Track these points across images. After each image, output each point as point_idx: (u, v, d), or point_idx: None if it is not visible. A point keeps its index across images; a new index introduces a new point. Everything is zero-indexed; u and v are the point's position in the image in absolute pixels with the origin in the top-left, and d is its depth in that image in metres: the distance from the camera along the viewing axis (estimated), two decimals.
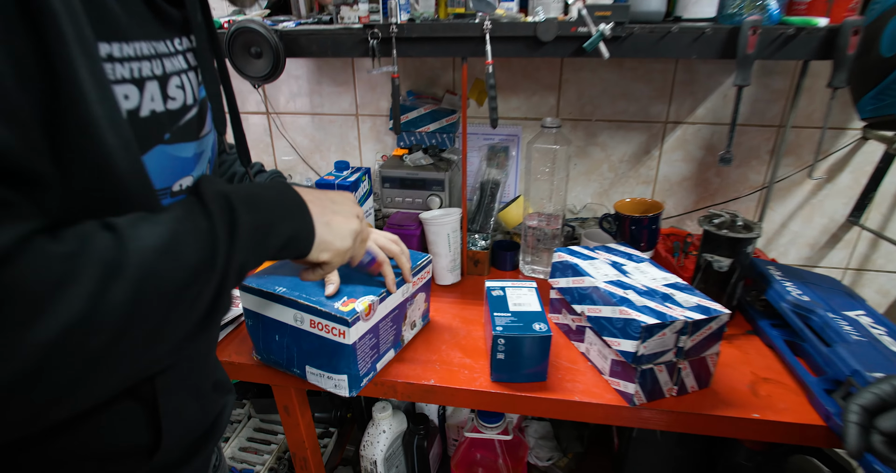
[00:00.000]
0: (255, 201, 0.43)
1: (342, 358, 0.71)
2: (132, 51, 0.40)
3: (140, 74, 0.41)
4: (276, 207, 0.46)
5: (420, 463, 1.05)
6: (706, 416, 0.71)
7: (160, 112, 0.44)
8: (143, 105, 0.42)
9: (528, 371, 0.77)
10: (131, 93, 0.40)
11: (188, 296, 0.37)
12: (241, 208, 0.42)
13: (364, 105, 1.30)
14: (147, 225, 0.36)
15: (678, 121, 1.16)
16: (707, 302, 0.72)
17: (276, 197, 0.47)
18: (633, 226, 0.97)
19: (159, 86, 0.43)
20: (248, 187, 0.45)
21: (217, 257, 0.39)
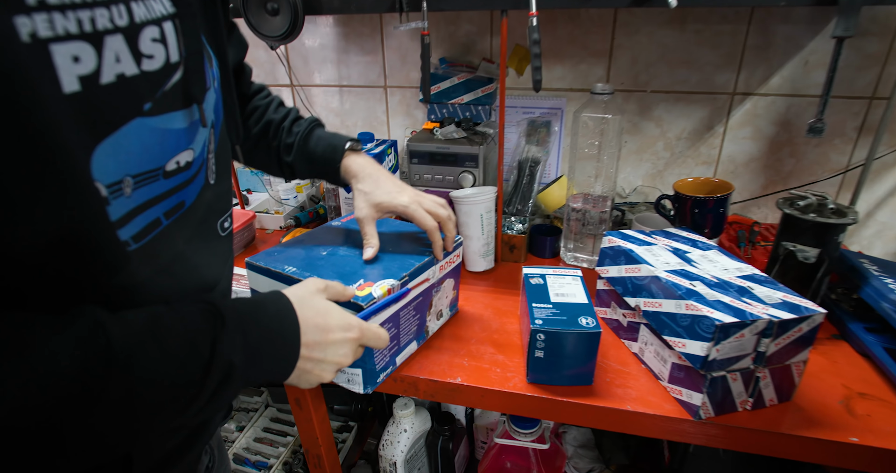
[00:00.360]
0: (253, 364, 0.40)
1: None
2: None
3: (94, 26, 0.31)
4: (268, 371, 0.43)
5: (444, 467, 0.96)
6: (789, 436, 0.58)
7: (132, 76, 0.34)
8: (105, 68, 0.33)
9: (571, 373, 0.66)
10: (83, 53, 0.31)
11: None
12: (237, 379, 0.39)
13: (393, 76, 1.20)
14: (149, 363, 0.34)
15: (748, 92, 1.01)
16: (795, 299, 0.59)
17: (274, 359, 0.43)
18: (695, 209, 0.84)
19: (125, 41, 0.34)
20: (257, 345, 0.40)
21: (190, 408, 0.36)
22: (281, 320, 0.43)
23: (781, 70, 0.98)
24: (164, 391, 0.34)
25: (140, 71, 0.35)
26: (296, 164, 0.71)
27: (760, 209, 1.10)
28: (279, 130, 0.71)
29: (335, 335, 0.47)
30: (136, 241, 0.38)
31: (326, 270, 0.64)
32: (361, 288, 0.60)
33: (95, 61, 0.32)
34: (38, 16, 0.28)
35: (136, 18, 0.34)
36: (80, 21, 0.30)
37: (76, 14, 0.30)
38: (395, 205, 0.68)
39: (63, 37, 0.30)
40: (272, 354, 0.42)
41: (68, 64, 0.30)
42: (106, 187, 0.34)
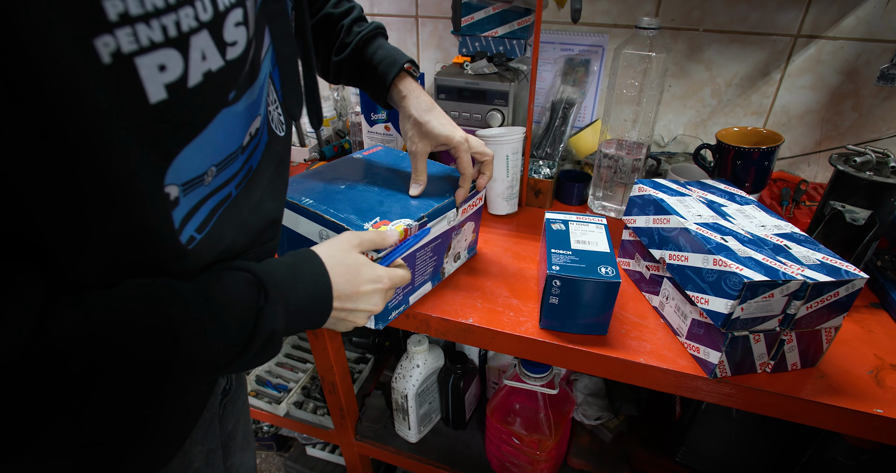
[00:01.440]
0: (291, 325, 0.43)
1: None
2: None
3: (179, 29, 0.29)
4: (305, 327, 0.45)
5: (454, 403, 0.98)
6: (808, 402, 0.56)
7: (218, 70, 0.32)
8: (191, 70, 0.30)
9: (586, 322, 0.65)
10: (169, 60, 0.29)
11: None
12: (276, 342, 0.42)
13: (425, 5, 1.13)
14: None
15: (814, 35, 0.91)
16: (836, 261, 0.55)
17: (310, 318, 0.45)
18: (738, 160, 0.78)
19: (210, 36, 0.31)
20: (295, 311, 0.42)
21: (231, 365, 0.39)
22: (316, 282, 0.45)
23: (857, 9, 0.87)
24: (213, 351, 0.37)
25: (225, 62, 0.33)
26: (345, 66, 0.66)
27: (811, 167, 1.02)
28: (338, 28, 0.65)
29: (365, 288, 0.50)
30: (199, 232, 0.38)
31: (343, 204, 0.63)
32: (377, 226, 0.59)
33: (182, 66, 0.30)
34: (121, 31, 0.26)
35: (219, 6, 0.31)
36: (164, 28, 0.28)
37: (160, 21, 0.28)
38: (451, 139, 0.64)
39: (147, 48, 0.28)
40: (309, 314, 0.44)
41: (154, 74, 0.29)
42: (181, 186, 0.34)
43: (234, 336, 0.38)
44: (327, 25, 0.66)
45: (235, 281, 0.39)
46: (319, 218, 0.61)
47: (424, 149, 0.64)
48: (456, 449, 1.00)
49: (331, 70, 0.68)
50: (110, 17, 0.26)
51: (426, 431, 1.03)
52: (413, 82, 0.66)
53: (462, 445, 1.01)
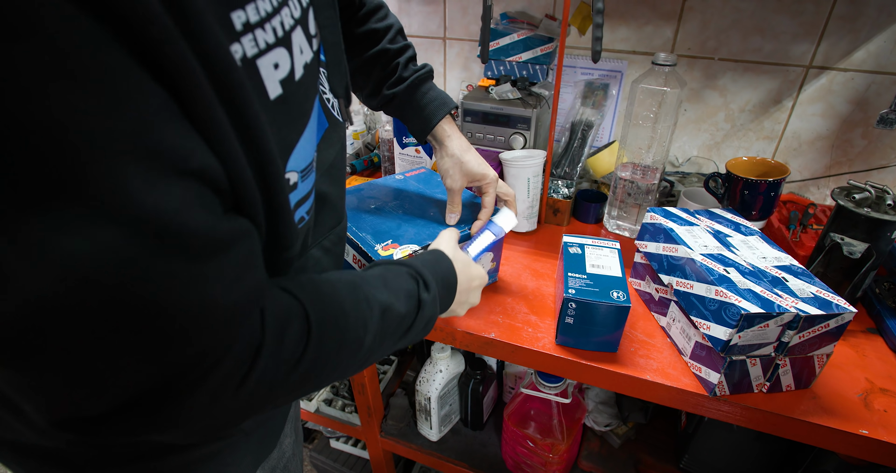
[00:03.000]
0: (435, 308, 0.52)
1: None
2: (266, 2, 0.30)
3: (283, 28, 0.32)
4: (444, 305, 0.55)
5: (473, 406, 1.05)
6: (799, 421, 0.62)
7: (311, 62, 0.36)
8: (296, 65, 0.34)
9: (598, 340, 0.71)
10: (281, 58, 0.32)
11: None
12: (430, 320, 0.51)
13: (453, 28, 1.19)
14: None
15: (826, 66, 0.95)
16: (828, 295, 0.60)
17: (444, 304, 0.55)
18: (746, 190, 0.83)
19: (302, 30, 0.34)
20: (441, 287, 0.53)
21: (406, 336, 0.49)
22: (449, 274, 0.55)
23: (868, 44, 0.91)
24: (394, 331, 0.46)
25: (313, 53, 0.36)
26: (396, 99, 0.71)
27: (820, 190, 1.06)
28: (394, 64, 0.69)
29: (475, 283, 0.61)
30: (308, 213, 0.44)
31: (365, 223, 0.70)
32: (386, 248, 0.66)
33: (289, 62, 0.33)
34: (245, 39, 0.29)
35: (303, 2, 0.34)
36: (274, 29, 0.31)
37: (271, 24, 0.30)
38: (486, 176, 0.71)
39: (265, 50, 0.30)
40: (446, 300, 0.55)
41: (271, 73, 0.31)
42: (300, 173, 0.39)
43: (405, 316, 0.47)
44: (383, 59, 0.70)
45: (401, 274, 0.49)
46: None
47: (462, 184, 0.72)
48: (473, 449, 1.07)
49: (379, 99, 0.73)
50: (237, 28, 0.28)
51: (446, 430, 1.10)
52: (454, 124, 0.72)
53: (479, 444, 1.08)
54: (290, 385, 0.36)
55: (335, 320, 0.39)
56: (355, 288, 0.43)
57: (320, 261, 0.52)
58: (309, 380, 0.38)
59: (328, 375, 0.40)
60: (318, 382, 0.40)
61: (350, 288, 0.43)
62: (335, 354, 0.39)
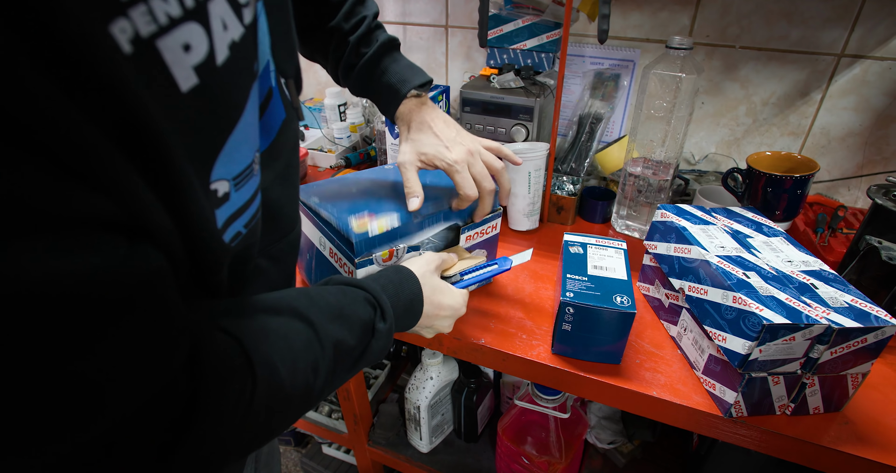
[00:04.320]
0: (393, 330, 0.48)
1: None
2: None
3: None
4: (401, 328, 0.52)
5: (467, 417, 0.98)
6: (828, 450, 0.54)
7: (240, 39, 0.28)
8: (217, 45, 0.26)
9: (599, 350, 0.63)
10: (192, 36, 0.24)
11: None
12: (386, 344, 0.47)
13: (455, 15, 1.13)
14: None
15: (860, 54, 0.87)
16: (866, 305, 0.52)
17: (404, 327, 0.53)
18: (769, 187, 0.75)
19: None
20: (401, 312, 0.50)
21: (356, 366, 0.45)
22: (413, 299, 0.52)
23: None
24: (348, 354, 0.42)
25: (244, 28, 0.28)
26: (353, 88, 0.66)
27: (851, 192, 0.97)
28: (346, 46, 0.63)
29: (444, 312, 0.56)
30: (246, 227, 0.36)
31: (342, 204, 0.63)
32: (360, 220, 0.59)
33: (206, 41, 0.25)
34: (135, 11, 0.21)
35: None
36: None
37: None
38: (441, 159, 0.61)
39: (167, 26, 0.23)
40: (404, 324, 0.52)
41: (180, 57, 0.24)
42: (231, 181, 0.31)
43: (355, 347, 0.43)
44: (333, 40, 0.64)
45: (357, 298, 0.45)
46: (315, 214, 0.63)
47: (412, 161, 0.62)
48: (466, 462, 1.00)
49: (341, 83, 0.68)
50: (119, 0, 0.21)
51: (438, 442, 1.03)
52: (412, 103, 0.64)
53: (473, 458, 1.01)
54: (225, 452, 0.32)
55: (280, 369, 0.35)
56: (309, 324, 0.39)
57: (267, 272, 0.45)
58: (256, 436, 0.34)
59: (277, 425, 0.36)
60: (264, 435, 0.36)
61: (303, 326, 0.38)
62: (284, 405, 0.36)
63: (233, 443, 0.32)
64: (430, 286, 0.55)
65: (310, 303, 0.40)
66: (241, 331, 0.33)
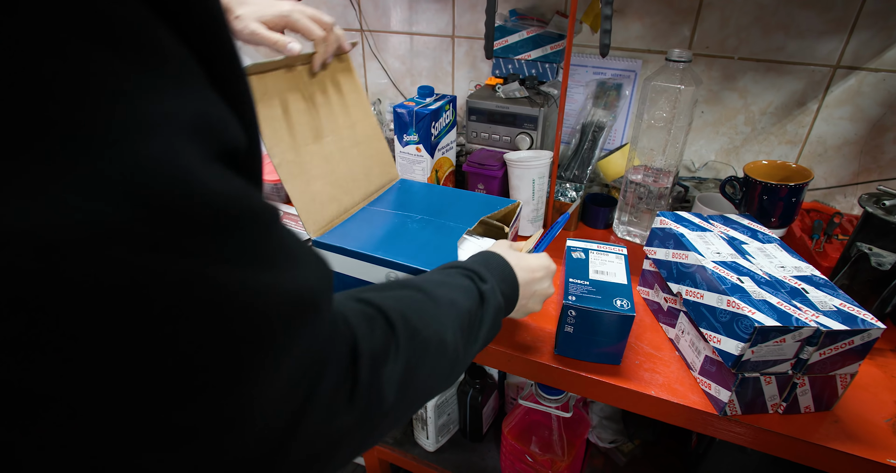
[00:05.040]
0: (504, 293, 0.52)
1: None
2: None
3: None
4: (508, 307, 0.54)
5: (472, 417, 1.01)
6: (819, 447, 0.56)
7: None
8: None
9: (600, 351, 0.66)
10: None
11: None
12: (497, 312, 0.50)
13: (462, 26, 1.16)
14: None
15: (855, 66, 0.90)
16: (853, 309, 0.55)
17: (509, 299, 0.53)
18: (765, 195, 0.78)
19: None
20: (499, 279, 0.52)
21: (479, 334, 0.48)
22: (503, 271, 0.54)
23: None
24: (468, 325, 0.45)
25: None
26: None
27: (847, 199, 1.00)
28: None
29: (539, 274, 0.59)
30: None
31: (396, 245, 0.68)
32: None
33: None
34: None
35: None
36: None
37: None
38: (275, 13, 0.62)
39: None
40: (510, 295, 0.53)
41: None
42: None
43: (471, 310, 0.45)
44: None
45: (453, 274, 0.49)
46: (390, 263, 0.66)
47: (256, 24, 0.62)
48: (472, 461, 1.03)
49: None
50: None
51: (444, 441, 1.06)
52: None
53: (478, 457, 1.03)
54: (397, 394, 0.34)
55: (411, 316, 0.38)
56: (417, 287, 0.43)
57: None
58: (412, 386, 0.36)
59: (428, 379, 0.38)
60: (422, 390, 0.38)
61: (411, 287, 0.43)
62: (424, 351, 0.38)
63: (392, 385, 0.34)
64: (513, 256, 0.57)
65: (412, 280, 0.45)
66: (356, 294, 0.38)
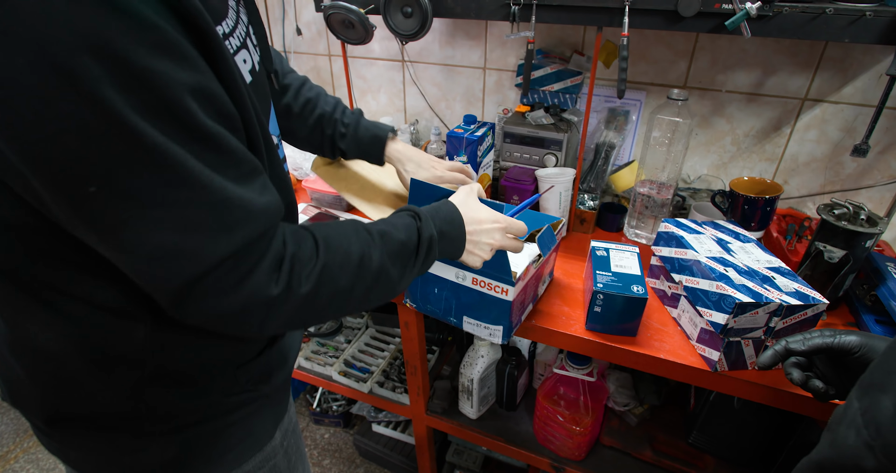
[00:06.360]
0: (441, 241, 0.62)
1: (501, 311, 0.83)
2: (230, 19, 0.47)
3: (240, 39, 0.49)
4: (449, 250, 0.65)
5: (509, 388, 1.21)
6: (784, 392, 0.77)
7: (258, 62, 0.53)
8: (253, 59, 0.51)
9: (621, 326, 0.87)
10: (245, 57, 0.49)
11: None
12: (434, 249, 0.62)
13: (492, 60, 1.37)
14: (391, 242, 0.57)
15: (819, 98, 1.11)
16: (807, 290, 0.76)
17: (452, 241, 0.64)
18: (746, 206, 0.99)
19: (249, 39, 0.51)
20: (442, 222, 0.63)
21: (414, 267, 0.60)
22: (452, 215, 0.65)
23: (855, 81, 1.07)
24: (399, 253, 0.57)
25: (259, 55, 0.54)
26: (348, 149, 0.89)
27: (815, 206, 1.21)
28: (333, 121, 0.87)
29: (486, 225, 0.68)
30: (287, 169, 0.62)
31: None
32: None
33: (250, 58, 0.50)
34: (227, 42, 0.46)
35: (245, 22, 0.51)
36: (238, 36, 0.48)
37: (236, 33, 0.48)
38: (433, 177, 0.89)
39: (237, 50, 0.48)
40: (451, 236, 0.64)
41: (243, 65, 0.48)
42: (277, 138, 0.58)
43: (407, 241, 0.57)
44: (324, 121, 0.87)
45: (398, 214, 0.62)
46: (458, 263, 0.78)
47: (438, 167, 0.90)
48: (508, 426, 1.23)
49: (337, 152, 0.90)
50: (221, 36, 0.43)
51: (484, 410, 1.26)
52: (397, 144, 0.90)
53: (513, 423, 1.24)
54: (313, 286, 0.48)
55: (334, 238, 0.52)
56: (355, 223, 0.56)
57: None
58: (327, 284, 0.50)
59: (346, 283, 0.51)
60: (340, 291, 0.51)
61: (352, 223, 0.56)
62: (343, 262, 0.51)
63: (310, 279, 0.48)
64: (466, 206, 0.67)
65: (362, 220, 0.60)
66: (307, 225, 0.54)
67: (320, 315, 0.53)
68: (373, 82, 1.57)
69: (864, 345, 0.54)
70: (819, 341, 0.57)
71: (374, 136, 0.89)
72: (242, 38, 0.49)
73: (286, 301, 0.47)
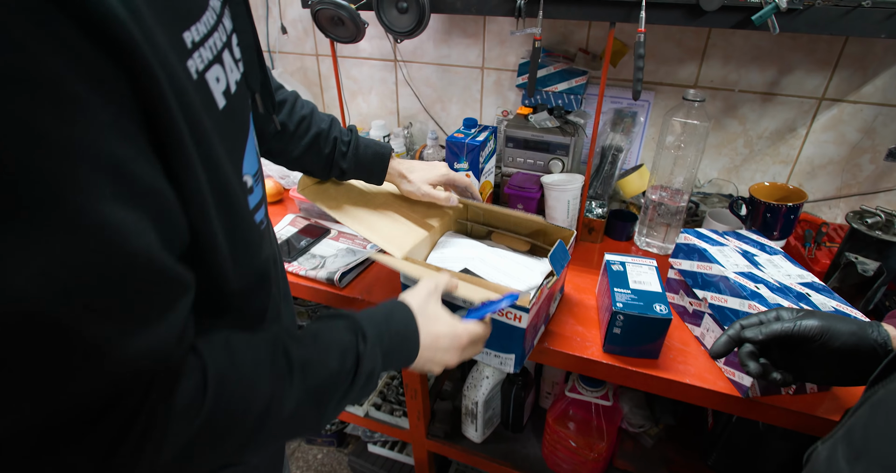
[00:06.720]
0: (386, 365, 0.52)
1: (514, 339, 0.75)
2: (203, 24, 0.34)
3: (216, 47, 0.36)
4: (397, 366, 0.55)
5: (515, 409, 1.14)
6: (823, 420, 0.71)
7: (240, 79, 0.40)
8: (230, 80, 0.38)
9: (641, 348, 0.80)
10: (219, 73, 0.36)
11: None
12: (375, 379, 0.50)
13: (491, 59, 1.29)
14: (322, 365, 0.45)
15: (837, 98, 1.05)
16: (847, 308, 0.70)
17: (401, 360, 0.55)
18: (768, 213, 0.93)
19: (229, 51, 0.38)
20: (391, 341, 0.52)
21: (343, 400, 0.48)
22: (406, 328, 0.55)
23: (876, 79, 1.01)
24: (326, 389, 0.45)
25: (241, 73, 0.41)
26: (349, 168, 0.82)
27: (832, 210, 1.16)
28: (332, 140, 0.79)
29: (442, 342, 0.58)
30: (265, 219, 0.49)
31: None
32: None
33: (225, 77, 0.37)
34: (195, 55, 0.33)
35: (227, 28, 0.39)
36: (211, 48, 0.35)
37: (208, 43, 0.35)
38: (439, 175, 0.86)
39: (209, 65, 0.35)
40: (400, 356, 0.54)
41: (216, 85, 0.36)
42: (253, 177, 0.44)
43: (339, 371, 0.45)
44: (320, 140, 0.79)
45: (337, 326, 0.48)
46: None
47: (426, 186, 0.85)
48: (515, 449, 1.16)
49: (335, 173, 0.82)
50: (188, 46, 0.32)
51: (489, 433, 1.19)
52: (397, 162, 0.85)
53: (520, 445, 1.17)
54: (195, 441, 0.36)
55: (239, 376, 0.38)
56: (274, 344, 0.42)
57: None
58: (219, 436, 0.37)
59: (244, 433, 0.39)
60: (236, 438, 0.39)
61: (269, 344, 0.42)
62: (243, 410, 0.38)
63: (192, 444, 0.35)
64: (424, 315, 0.57)
65: (284, 331, 0.45)
66: (206, 347, 0.38)
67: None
68: (363, 83, 1.48)
69: (826, 331, 0.51)
70: (777, 327, 0.54)
71: (375, 153, 0.82)
72: (217, 50, 0.36)
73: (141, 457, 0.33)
